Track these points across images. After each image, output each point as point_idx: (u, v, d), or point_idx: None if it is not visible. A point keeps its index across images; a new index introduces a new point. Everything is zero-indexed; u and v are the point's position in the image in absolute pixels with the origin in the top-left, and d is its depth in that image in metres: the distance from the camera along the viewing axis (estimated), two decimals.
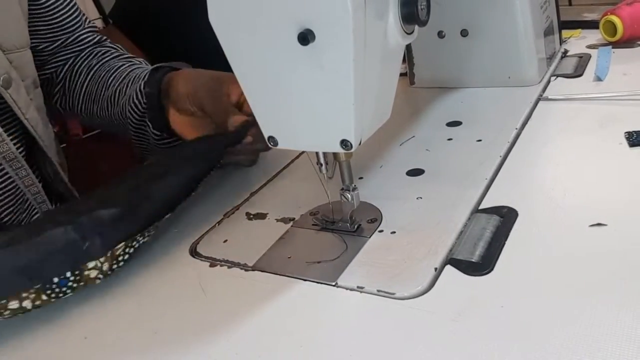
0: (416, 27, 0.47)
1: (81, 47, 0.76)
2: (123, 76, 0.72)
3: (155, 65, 0.70)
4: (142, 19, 1.32)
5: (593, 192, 0.51)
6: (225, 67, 0.45)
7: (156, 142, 0.69)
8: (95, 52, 0.76)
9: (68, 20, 0.74)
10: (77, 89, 0.75)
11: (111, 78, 0.73)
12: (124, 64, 0.74)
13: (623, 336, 0.35)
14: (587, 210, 0.48)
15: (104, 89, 0.73)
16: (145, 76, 0.69)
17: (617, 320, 0.36)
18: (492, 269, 0.43)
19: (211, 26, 0.43)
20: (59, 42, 0.74)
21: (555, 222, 0.48)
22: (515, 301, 0.40)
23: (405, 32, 0.46)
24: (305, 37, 0.40)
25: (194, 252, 0.53)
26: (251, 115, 0.51)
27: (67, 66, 0.76)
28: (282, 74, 0.43)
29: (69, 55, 0.76)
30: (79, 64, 0.76)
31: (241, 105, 0.62)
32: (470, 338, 0.37)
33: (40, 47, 0.72)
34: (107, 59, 0.76)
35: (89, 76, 0.75)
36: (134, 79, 0.71)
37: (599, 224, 0.46)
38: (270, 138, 0.47)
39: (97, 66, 0.75)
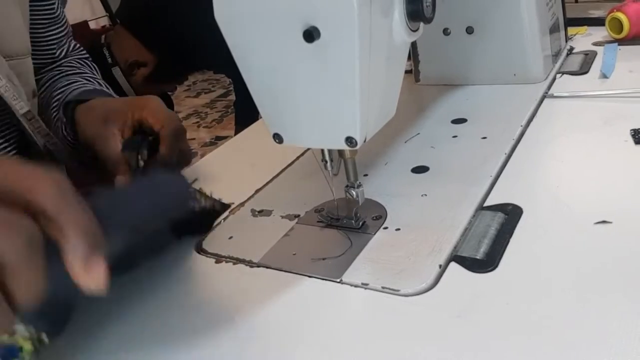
0: (421, 24, 0.47)
1: (52, 60, 0.76)
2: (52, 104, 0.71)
3: (66, 101, 0.68)
4: (148, 18, 1.32)
5: (598, 189, 0.51)
6: (231, 64, 0.45)
7: None
8: (58, 67, 0.76)
9: (55, 36, 0.75)
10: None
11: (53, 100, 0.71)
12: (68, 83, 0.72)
13: (628, 333, 0.35)
14: (592, 208, 0.48)
15: (48, 110, 0.72)
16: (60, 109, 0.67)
17: (622, 317, 0.36)
18: (496, 266, 0.43)
19: (217, 24, 0.44)
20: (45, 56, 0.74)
21: (560, 219, 0.48)
22: (520, 298, 0.40)
23: (411, 29, 0.46)
24: (311, 35, 0.40)
25: (199, 249, 0.53)
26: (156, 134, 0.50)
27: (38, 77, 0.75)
28: (288, 72, 0.43)
29: (41, 67, 0.75)
30: (45, 77, 0.75)
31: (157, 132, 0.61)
32: (475, 335, 0.37)
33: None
34: (60, 75, 0.75)
35: (46, 91, 0.74)
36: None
37: (604, 222, 0.46)
38: (276, 135, 0.48)
39: (52, 81, 0.74)
